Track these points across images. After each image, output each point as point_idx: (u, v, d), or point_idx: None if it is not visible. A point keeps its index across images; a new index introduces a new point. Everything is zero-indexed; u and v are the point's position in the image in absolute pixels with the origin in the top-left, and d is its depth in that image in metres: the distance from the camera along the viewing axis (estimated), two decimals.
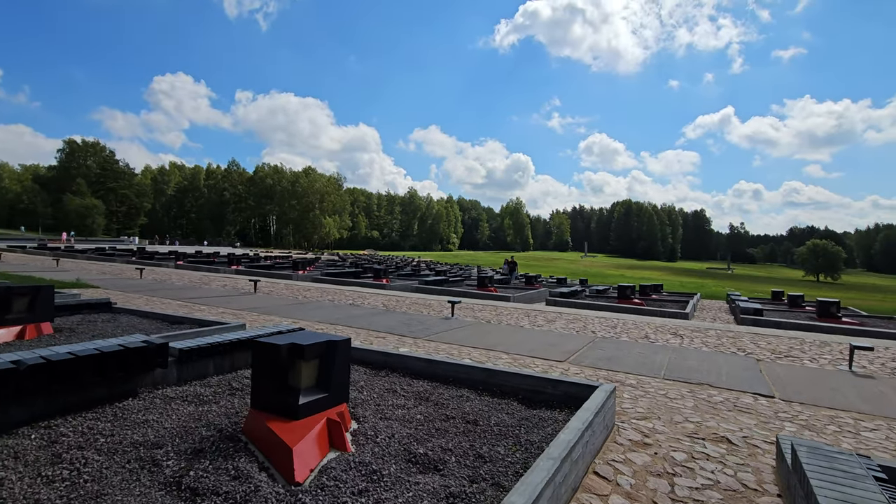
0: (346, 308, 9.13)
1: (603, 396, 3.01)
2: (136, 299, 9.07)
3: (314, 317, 7.85)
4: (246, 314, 7.89)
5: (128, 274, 15.12)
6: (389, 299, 10.88)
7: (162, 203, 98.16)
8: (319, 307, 9.13)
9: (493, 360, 5.29)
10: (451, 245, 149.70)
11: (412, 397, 3.37)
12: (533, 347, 6.04)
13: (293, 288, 12.74)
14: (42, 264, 18.14)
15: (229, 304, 9.06)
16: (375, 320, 7.76)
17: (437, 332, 6.86)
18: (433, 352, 5.57)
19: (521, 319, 8.56)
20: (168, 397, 3.12)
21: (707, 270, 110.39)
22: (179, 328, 5.40)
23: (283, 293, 11.40)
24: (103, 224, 72.73)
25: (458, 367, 3.79)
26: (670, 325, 8.58)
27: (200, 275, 15.89)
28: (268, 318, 7.62)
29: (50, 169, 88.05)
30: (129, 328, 5.31)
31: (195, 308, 8.26)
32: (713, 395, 4.23)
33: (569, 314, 9.42)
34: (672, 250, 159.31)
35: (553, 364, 5.21)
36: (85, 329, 5.12)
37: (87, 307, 6.31)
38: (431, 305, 10.07)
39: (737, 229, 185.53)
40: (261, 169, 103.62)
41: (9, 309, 4.55)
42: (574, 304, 11.50)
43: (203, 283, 12.88)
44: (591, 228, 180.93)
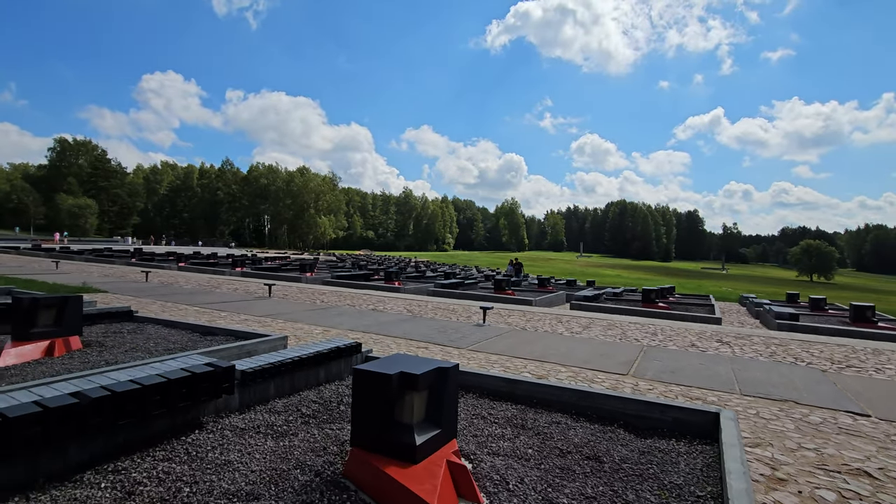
0: (371, 314, 8.76)
1: (733, 426, 2.69)
2: (150, 305, 8.63)
3: (344, 324, 7.48)
4: (271, 321, 7.50)
5: (132, 277, 14.61)
6: (410, 304, 10.52)
7: (154, 202, 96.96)
8: (343, 313, 8.75)
9: (552, 373, 4.96)
10: (447, 245, 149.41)
11: (506, 424, 3.03)
12: (586, 358, 5.72)
13: (307, 291, 12.33)
14: (40, 266, 17.54)
15: (249, 309, 8.65)
16: (407, 328, 7.40)
17: (477, 342, 6.51)
18: (486, 364, 5.23)
19: (555, 325, 8.24)
20: (238, 428, 2.75)
21: (702, 270, 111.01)
22: (214, 340, 5.01)
23: (299, 297, 10.99)
24: (96, 224, 71.51)
25: (544, 388, 3.45)
26: (709, 331, 8.30)
27: (207, 277, 15.41)
28: (295, 324, 7.24)
29: (40, 168, 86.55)
30: (159, 340, 4.91)
31: (216, 315, 7.85)
32: (807, 415, 3.93)
33: (601, 320, 9.12)
34: (666, 250, 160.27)
35: (619, 378, 4.89)
36: (114, 342, 4.72)
37: (107, 316, 5.90)
38: (456, 311, 9.72)
39: (730, 230, 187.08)
40: (255, 168, 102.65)
41: (34, 322, 4.15)
42: (599, 308, 11.21)
43: (213, 287, 12.43)
44: (586, 228, 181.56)
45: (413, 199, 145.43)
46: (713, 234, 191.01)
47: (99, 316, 5.80)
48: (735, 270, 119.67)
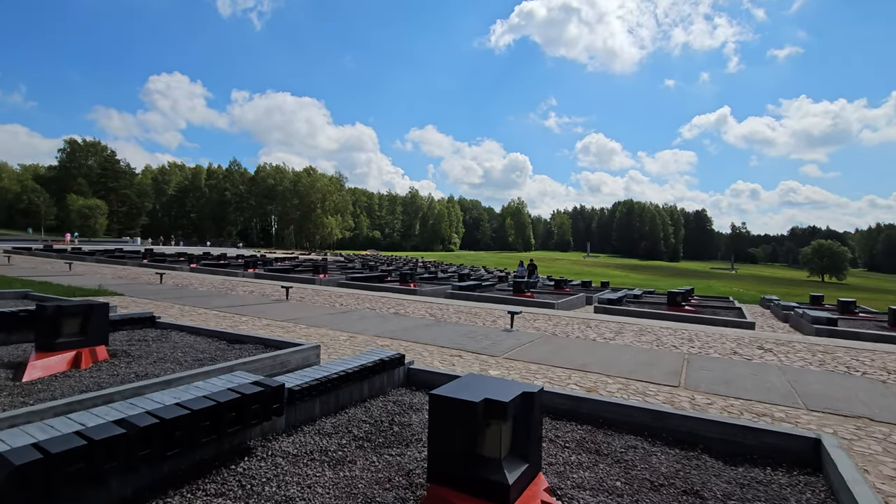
0: (394, 318, 8.51)
1: (844, 457, 2.41)
2: (169, 309, 8.43)
3: (369, 329, 7.23)
4: (293, 326, 7.27)
5: (145, 278, 14.46)
6: (430, 307, 10.26)
7: (162, 203, 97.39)
8: (364, 317, 8.50)
9: (600, 385, 4.68)
10: (453, 245, 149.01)
11: (578, 449, 2.76)
12: (630, 367, 5.44)
13: (323, 294, 12.11)
14: (53, 268, 17.47)
15: (268, 313, 8.42)
16: (434, 334, 7.15)
17: (510, 349, 6.24)
18: (527, 374, 4.96)
19: (585, 330, 7.95)
20: (290, 455, 2.50)
21: (711, 271, 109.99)
22: (243, 349, 4.78)
23: (316, 300, 10.77)
24: (105, 225, 71.89)
25: (613, 407, 3.18)
26: (746, 336, 7.98)
27: (220, 279, 15.24)
28: (319, 330, 7.00)
29: (50, 169, 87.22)
30: (187, 350, 4.69)
31: (237, 320, 7.63)
32: (889, 435, 3.63)
33: (631, 324, 8.82)
34: (674, 251, 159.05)
35: (671, 391, 4.60)
36: (140, 352, 4.50)
37: (129, 322, 5.68)
38: (479, 314, 9.45)
39: (739, 229, 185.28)
40: (262, 169, 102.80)
41: (59, 331, 3.93)
42: (624, 311, 10.90)
43: (228, 289, 12.24)
44: (593, 228, 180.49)
45: (419, 199, 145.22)
46: (721, 234, 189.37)
47: (121, 322, 5.58)
48: (744, 271, 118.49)
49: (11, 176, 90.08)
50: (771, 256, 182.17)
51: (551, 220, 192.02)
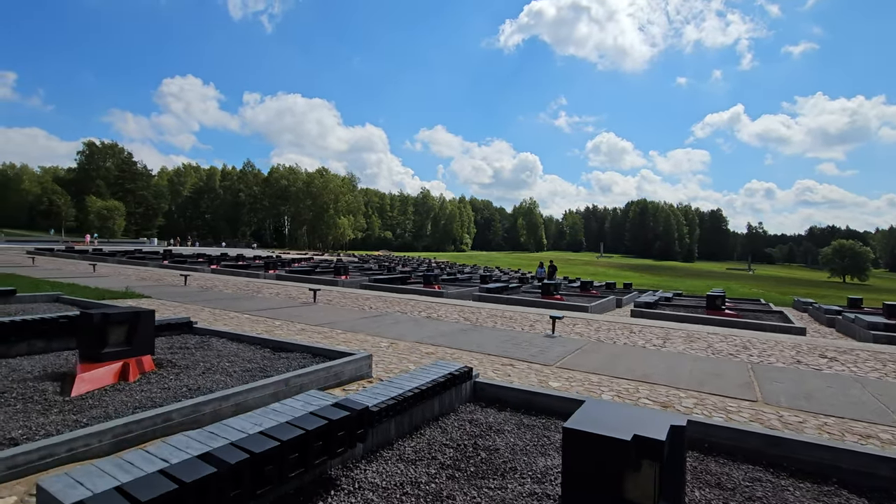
0: (429, 323, 8.23)
1: None
2: (199, 313, 8.25)
3: (407, 335, 6.96)
4: (328, 331, 7.03)
5: (168, 280, 14.39)
6: (462, 311, 9.97)
7: (178, 204, 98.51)
8: (398, 321, 8.24)
9: (674, 400, 4.34)
10: (464, 245, 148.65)
11: (700, 483, 2.44)
12: (697, 379, 5.08)
13: (349, 296, 11.88)
14: (77, 269, 17.52)
15: (300, 317, 8.20)
16: (476, 339, 6.85)
17: (561, 357, 5.92)
18: (591, 386, 4.64)
19: (631, 336, 7.59)
20: (378, 487, 2.22)
21: (727, 271, 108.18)
22: (291, 358, 4.53)
23: (344, 303, 10.54)
24: (123, 225, 72.88)
25: (721, 431, 2.85)
26: (802, 343, 7.55)
27: (243, 281, 15.11)
28: (356, 335, 6.74)
29: (69, 171, 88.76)
30: (233, 359, 4.45)
31: (270, 324, 7.41)
32: None
33: (676, 330, 8.43)
34: (689, 251, 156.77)
35: (753, 406, 4.25)
36: (186, 361, 4.27)
37: (167, 328, 5.48)
38: (514, 318, 9.13)
39: (755, 229, 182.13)
40: (275, 170, 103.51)
41: (105, 341, 3.71)
42: (661, 315, 10.50)
43: (253, 292, 12.08)
44: (605, 228, 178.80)
45: (431, 199, 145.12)
46: (737, 234, 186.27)
47: (159, 328, 5.38)
48: (761, 271, 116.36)
49: (32, 178, 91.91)
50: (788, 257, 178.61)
51: (563, 220, 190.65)
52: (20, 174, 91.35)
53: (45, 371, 3.85)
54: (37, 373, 3.79)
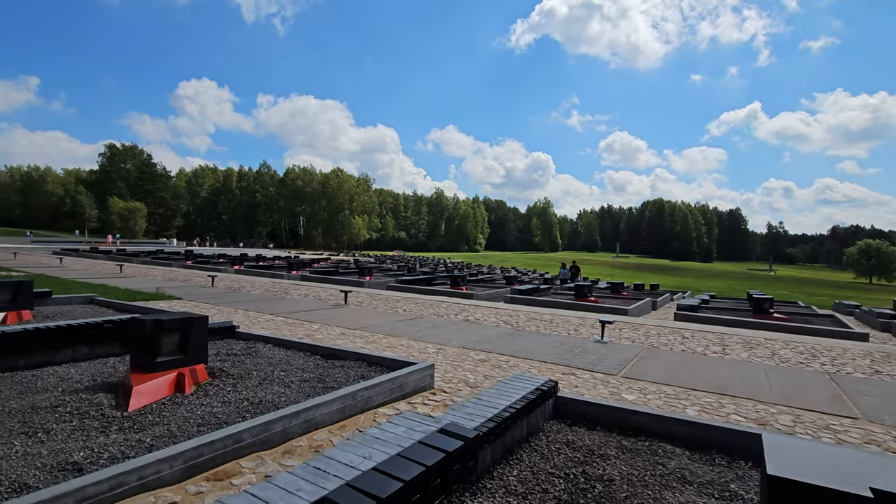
0: (470, 327, 7.91)
1: None
2: (234, 315, 8.05)
3: (451, 340, 6.65)
4: (369, 335, 6.75)
5: (195, 280, 14.31)
6: (498, 314, 9.63)
7: (196, 205, 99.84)
8: (437, 325, 7.93)
9: (767, 418, 3.95)
10: (478, 245, 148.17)
11: None
12: (781, 392, 4.67)
13: (378, 298, 11.62)
14: (104, 269, 17.60)
15: (336, 320, 7.95)
16: (525, 345, 6.50)
17: (620, 365, 5.55)
18: (671, 400, 4.27)
19: (687, 342, 7.17)
20: None
21: (748, 272, 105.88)
22: (345, 367, 4.25)
23: (375, 305, 10.28)
24: (144, 226, 74.05)
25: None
26: (874, 351, 7.05)
27: (268, 282, 14.97)
28: (399, 340, 6.45)
29: (91, 173, 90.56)
30: (284, 366, 4.18)
31: (308, 328, 7.17)
32: None
33: (730, 335, 7.97)
34: (707, 251, 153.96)
35: (857, 425, 3.83)
36: (238, 370, 4.01)
37: (210, 333, 5.23)
38: (556, 322, 8.76)
39: (775, 229, 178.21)
40: (291, 170, 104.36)
41: (158, 349, 3.46)
42: (707, 318, 10.02)
43: (281, 293, 11.90)
44: (621, 228, 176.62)
45: (444, 199, 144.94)
46: (756, 234, 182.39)
47: None
48: (783, 272, 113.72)
49: (56, 180, 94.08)
50: (810, 257, 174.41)
51: (578, 219, 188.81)
52: (44, 176, 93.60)
53: (95, 380, 3.62)
54: (87, 382, 3.57)
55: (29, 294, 5.90)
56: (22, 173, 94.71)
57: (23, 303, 5.84)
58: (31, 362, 3.97)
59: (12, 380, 3.56)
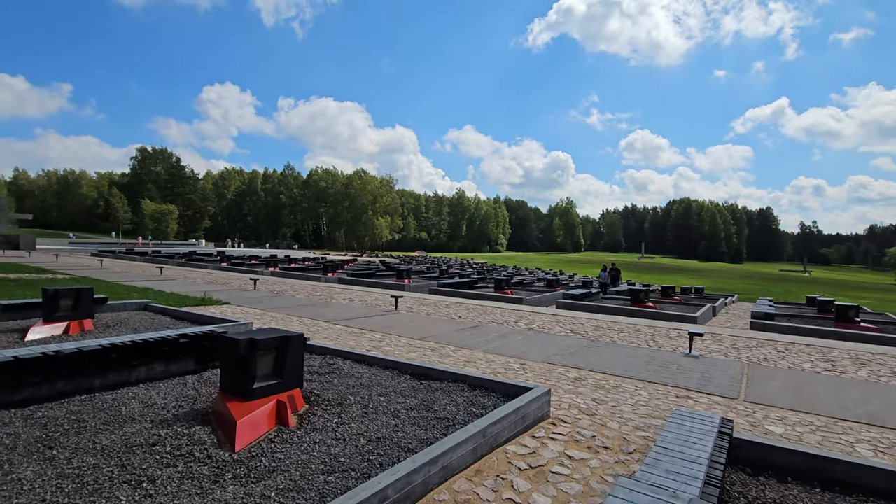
0: (537, 337, 7.37)
1: None
2: (288, 322, 7.69)
3: (528, 353, 6.11)
4: (437, 345, 6.27)
5: (236, 283, 14.13)
6: (561, 321, 9.05)
7: (222, 207, 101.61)
8: (503, 335, 7.41)
9: None
10: (500, 246, 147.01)
11: None
12: None
13: (424, 303, 11.17)
14: (143, 272, 17.65)
15: (392, 328, 7.51)
16: (611, 360, 5.92)
17: (734, 386, 4.93)
18: (829, 434, 3.65)
19: (787, 357, 6.47)
20: None
21: (781, 273, 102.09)
22: (443, 390, 3.76)
23: (426, 311, 9.83)
24: (176, 228, 75.68)
25: None
26: None
27: (308, 285, 14.70)
28: (473, 353, 5.95)
29: (123, 175, 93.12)
30: (379, 389, 3.72)
31: (371, 338, 6.74)
32: None
33: (829, 349, 7.22)
34: (737, 251, 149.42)
35: None
36: (332, 394, 3.57)
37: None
38: (627, 332, 8.14)
39: (809, 228, 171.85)
40: (314, 172, 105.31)
41: (254, 373, 3.03)
42: (788, 328, 9.23)
43: (325, 297, 11.56)
44: (645, 228, 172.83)
45: (466, 199, 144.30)
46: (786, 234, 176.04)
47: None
48: (818, 273, 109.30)
49: (90, 183, 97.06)
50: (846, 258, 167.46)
51: (601, 219, 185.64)
52: (79, 179, 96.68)
53: (181, 407, 3.22)
54: (173, 409, 3.17)
55: (90, 302, 5.62)
56: (58, 177, 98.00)
57: (84, 311, 5.56)
58: (106, 382, 3.61)
59: (93, 405, 3.19)
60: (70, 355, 3.37)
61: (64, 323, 5.34)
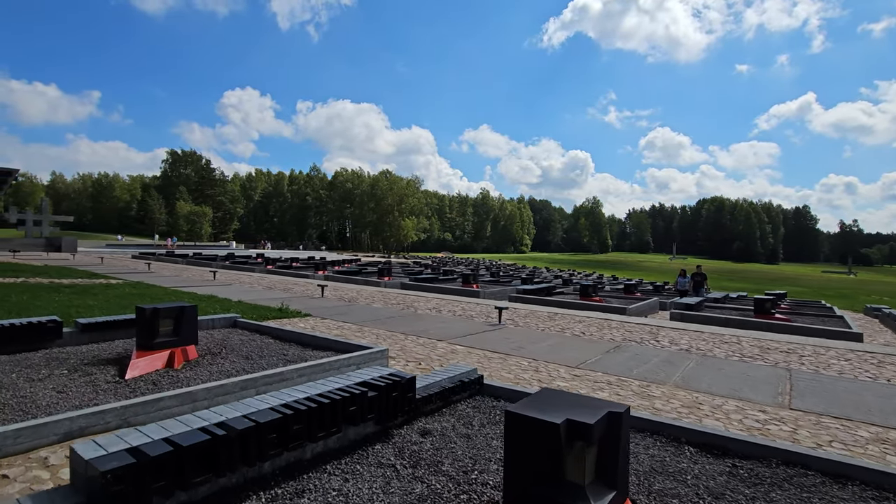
0: (715, 363, 5.94)
1: None
2: (394, 339, 6.44)
3: (744, 390, 4.71)
4: (615, 378, 4.92)
5: (298, 290, 13.04)
6: (710, 339, 7.59)
7: (249, 209, 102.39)
8: (667, 360, 6.01)
9: None
10: (524, 247, 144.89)
11: None
12: None
13: (523, 313, 9.83)
14: (193, 276, 16.78)
15: (525, 349, 6.19)
16: (852, 400, 4.47)
17: None
18: None
19: None
20: None
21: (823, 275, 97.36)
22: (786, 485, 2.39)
23: (533, 323, 8.49)
24: (209, 230, 76.28)
25: None
26: None
27: (375, 291, 13.52)
28: (685, 392, 4.58)
29: (154, 178, 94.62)
30: (676, 475, 2.38)
31: (519, 364, 5.42)
32: None
33: None
34: (773, 251, 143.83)
35: None
36: None
37: (453, 391, 3.55)
38: (806, 357, 6.64)
39: (848, 227, 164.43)
40: (340, 173, 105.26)
41: None
42: None
43: (406, 307, 10.32)
44: (673, 228, 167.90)
45: (490, 200, 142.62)
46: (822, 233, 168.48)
47: (444, 391, 3.46)
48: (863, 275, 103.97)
49: (122, 186, 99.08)
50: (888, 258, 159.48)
51: (627, 219, 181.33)
52: (112, 182, 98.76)
53: None
54: None
55: (194, 323, 4.46)
56: (93, 180, 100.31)
57: (187, 335, 4.40)
58: (278, 466, 2.37)
59: None
60: (244, 433, 2.14)
61: (166, 352, 4.18)
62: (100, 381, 3.64)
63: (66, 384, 3.54)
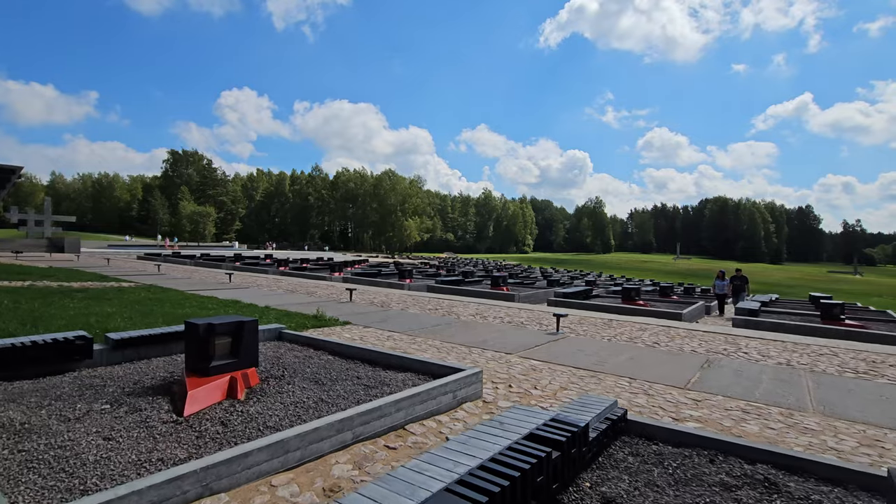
0: (807, 375, 5.19)
1: None
2: (448, 350, 5.67)
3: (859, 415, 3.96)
4: (748, 411, 4.16)
5: (322, 293, 12.27)
6: (822, 353, 6.85)
7: (250, 209, 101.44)
8: (753, 375, 5.26)
9: None
10: (526, 247, 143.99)
11: None
12: None
13: (574, 321, 9.07)
14: (208, 278, 15.98)
15: (606, 363, 5.44)
16: None
17: None
18: None
19: None
20: None
21: (830, 275, 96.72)
22: None
23: (590, 331, 7.74)
24: (213, 231, 75.36)
25: None
26: None
27: (404, 294, 12.73)
28: (802, 415, 3.83)
29: (155, 178, 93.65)
30: None
31: (615, 386, 4.67)
32: None
33: None
34: (777, 251, 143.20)
35: None
36: None
37: (605, 434, 2.80)
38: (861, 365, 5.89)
39: (852, 227, 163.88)
40: (342, 174, 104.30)
41: None
42: None
43: (445, 312, 9.57)
44: (676, 228, 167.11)
45: (492, 200, 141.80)
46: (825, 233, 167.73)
47: (599, 435, 2.70)
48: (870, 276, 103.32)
49: (122, 186, 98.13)
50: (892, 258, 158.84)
51: (629, 219, 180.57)
52: (113, 182, 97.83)
53: None
54: None
55: (254, 340, 3.69)
56: (93, 180, 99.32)
57: (248, 355, 3.63)
58: None
59: None
60: None
61: (225, 378, 3.41)
62: (153, 421, 2.87)
63: (113, 425, 2.77)
